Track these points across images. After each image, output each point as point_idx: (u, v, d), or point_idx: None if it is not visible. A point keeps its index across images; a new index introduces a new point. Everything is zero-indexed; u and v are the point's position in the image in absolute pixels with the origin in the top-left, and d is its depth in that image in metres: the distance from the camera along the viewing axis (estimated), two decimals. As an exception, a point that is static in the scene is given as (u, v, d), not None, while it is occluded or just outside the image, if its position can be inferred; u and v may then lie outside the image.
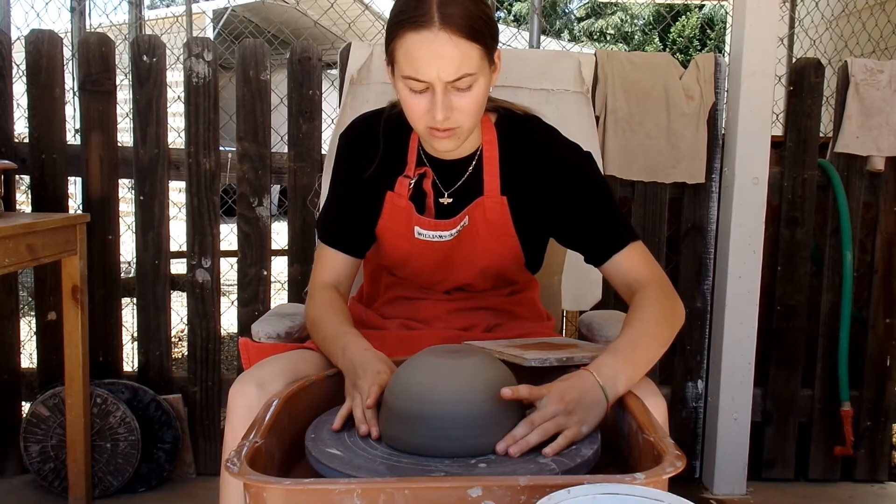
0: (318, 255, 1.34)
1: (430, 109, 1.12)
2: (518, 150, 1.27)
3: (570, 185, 1.24)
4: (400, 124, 1.26)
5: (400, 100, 1.17)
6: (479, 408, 0.93)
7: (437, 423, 0.92)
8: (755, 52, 2.19)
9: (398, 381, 0.98)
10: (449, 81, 1.10)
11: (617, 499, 0.69)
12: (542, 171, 1.25)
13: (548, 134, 1.29)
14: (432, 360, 0.97)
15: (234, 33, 6.03)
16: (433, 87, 1.11)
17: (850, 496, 2.31)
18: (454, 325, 1.34)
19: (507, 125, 1.29)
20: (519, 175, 1.26)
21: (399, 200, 1.28)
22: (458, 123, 1.14)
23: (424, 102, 1.13)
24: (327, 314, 1.24)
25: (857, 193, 2.33)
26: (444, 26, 1.08)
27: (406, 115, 1.18)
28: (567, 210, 1.25)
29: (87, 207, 2.24)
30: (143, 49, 2.21)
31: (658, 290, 1.18)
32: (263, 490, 0.74)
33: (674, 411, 2.34)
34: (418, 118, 1.15)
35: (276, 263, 2.54)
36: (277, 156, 2.28)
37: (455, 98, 1.12)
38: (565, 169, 1.24)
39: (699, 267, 2.33)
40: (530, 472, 0.85)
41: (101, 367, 2.27)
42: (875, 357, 2.39)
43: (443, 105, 1.11)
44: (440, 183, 1.29)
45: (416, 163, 1.29)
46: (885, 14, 3.86)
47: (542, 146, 1.27)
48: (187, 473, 2.29)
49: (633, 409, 0.98)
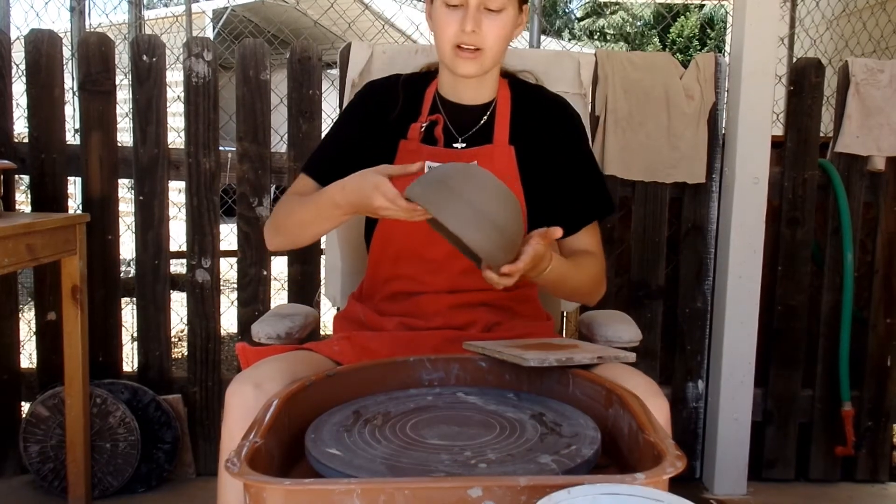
0: (294, 185, 1.38)
1: (461, 23, 1.24)
2: (528, 107, 1.38)
3: (571, 147, 1.37)
4: (417, 81, 1.40)
5: (433, 22, 1.29)
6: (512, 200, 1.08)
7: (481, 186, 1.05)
8: (755, 52, 2.19)
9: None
10: (486, 6, 1.24)
11: (617, 499, 0.69)
12: (549, 129, 1.37)
13: (555, 100, 1.42)
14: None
15: (234, 33, 6.02)
16: (468, 3, 1.23)
17: (851, 496, 2.31)
18: (454, 322, 1.34)
19: (519, 87, 1.41)
20: (527, 129, 1.36)
21: (411, 145, 1.35)
22: (483, 45, 1.26)
23: (457, 17, 1.25)
24: (302, 199, 1.29)
25: (858, 193, 2.33)
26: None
27: (436, 36, 1.29)
28: (566, 166, 1.37)
29: (87, 207, 2.24)
30: (142, 49, 2.21)
31: (601, 265, 1.37)
32: (263, 490, 0.74)
33: (674, 411, 2.33)
34: (449, 37, 1.26)
35: (276, 263, 2.53)
36: (277, 156, 2.28)
37: (485, 19, 1.25)
38: (569, 131, 1.38)
39: (699, 267, 2.33)
40: (530, 472, 0.85)
41: (101, 367, 2.27)
42: (876, 357, 2.39)
43: (473, 18, 1.24)
44: (454, 129, 1.36)
45: (429, 111, 1.37)
46: (886, 14, 3.86)
47: (549, 109, 1.39)
48: (187, 474, 2.29)
49: (633, 409, 0.97)
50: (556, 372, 1.12)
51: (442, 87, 1.38)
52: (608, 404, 1.05)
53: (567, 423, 1.01)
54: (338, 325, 1.45)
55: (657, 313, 2.34)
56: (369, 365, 1.16)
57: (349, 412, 1.04)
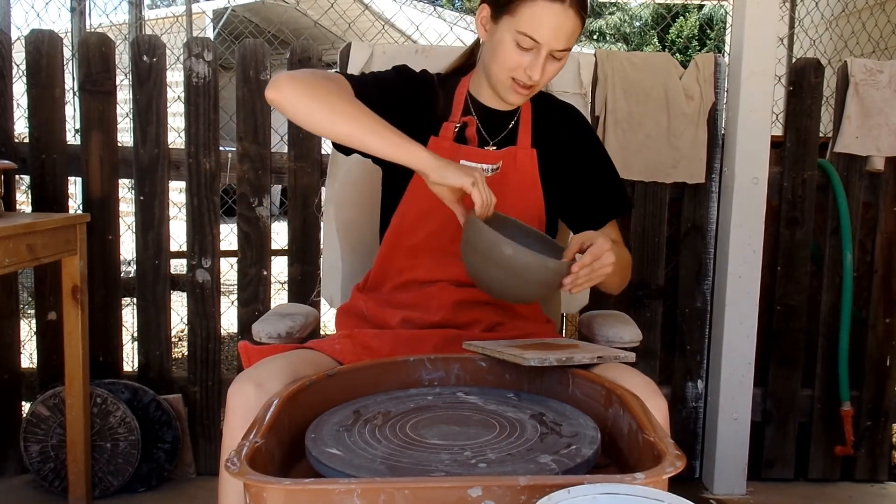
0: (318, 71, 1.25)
1: (529, 67, 1.26)
2: (545, 114, 1.43)
3: (587, 149, 1.43)
4: (447, 80, 1.41)
5: (496, 46, 1.28)
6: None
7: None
8: (755, 52, 2.19)
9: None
10: (557, 49, 1.25)
11: (617, 499, 0.69)
12: (565, 134, 1.42)
13: (567, 107, 1.48)
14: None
15: (234, 33, 6.01)
16: (540, 49, 1.24)
17: (850, 496, 2.32)
18: (457, 319, 1.34)
19: (536, 95, 1.43)
20: (546, 134, 1.41)
21: (443, 143, 1.36)
22: (540, 85, 1.30)
23: (526, 59, 1.26)
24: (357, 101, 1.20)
25: (857, 193, 2.33)
26: (573, 4, 1.23)
27: (496, 62, 1.29)
28: (584, 168, 1.42)
29: (87, 207, 2.24)
30: (143, 49, 2.21)
31: (627, 252, 1.40)
32: (263, 490, 0.74)
33: (674, 411, 2.34)
34: (511, 69, 1.28)
35: (276, 263, 2.54)
36: (277, 156, 2.28)
37: (548, 63, 1.27)
38: (584, 136, 1.44)
39: (699, 267, 2.33)
40: (530, 472, 0.85)
41: (101, 367, 2.27)
42: (875, 357, 2.39)
43: (543, 67, 1.26)
44: (484, 132, 1.40)
45: (462, 112, 1.39)
46: (885, 14, 3.86)
47: (564, 115, 1.45)
48: (187, 473, 2.29)
49: (632, 408, 0.98)
50: (556, 372, 1.13)
51: (476, 91, 1.41)
52: (608, 404, 1.05)
53: (567, 422, 1.01)
54: (340, 320, 1.45)
55: (657, 313, 2.34)
56: (369, 365, 1.16)
57: (349, 412, 1.04)
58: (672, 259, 2.36)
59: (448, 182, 1.15)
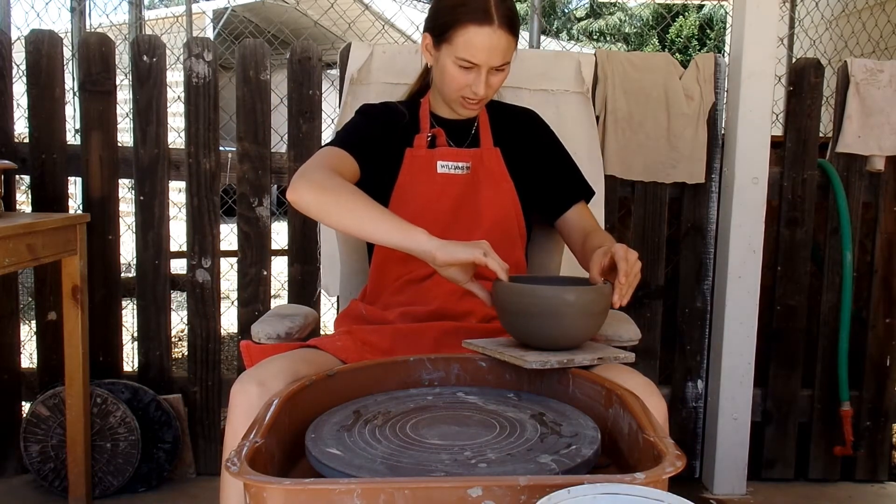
0: (325, 157, 1.39)
1: (472, 84, 1.38)
2: (501, 118, 1.55)
3: (543, 144, 1.55)
4: (409, 103, 1.54)
5: (442, 70, 1.40)
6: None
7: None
8: (755, 52, 2.19)
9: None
10: (495, 66, 1.37)
11: (617, 499, 0.69)
12: (522, 132, 1.54)
13: (524, 110, 1.60)
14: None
15: (234, 33, 6.02)
16: (480, 68, 1.36)
17: (850, 496, 2.32)
18: (453, 309, 1.37)
19: (491, 104, 1.56)
20: (505, 134, 1.52)
21: (418, 151, 1.47)
22: (488, 96, 1.42)
23: (469, 77, 1.38)
24: (346, 185, 1.30)
25: (857, 193, 2.33)
26: (501, 25, 1.33)
27: (444, 84, 1.42)
28: (543, 157, 1.53)
29: (87, 207, 2.24)
30: (143, 49, 2.21)
31: (609, 235, 1.44)
32: (263, 490, 0.74)
33: (674, 411, 2.34)
34: (458, 88, 1.40)
35: (276, 263, 2.54)
36: (277, 156, 2.28)
37: (491, 77, 1.38)
38: (539, 133, 1.56)
39: (699, 267, 2.33)
40: (530, 472, 0.85)
41: (101, 367, 2.27)
42: (875, 357, 2.39)
43: (485, 83, 1.38)
44: (451, 141, 1.51)
45: (429, 126, 1.51)
46: (885, 14, 3.86)
47: (519, 117, 1.57)
48: (187, 473, 2.29)
49: (633, 409, 0.98)
50: (556, 372, 1.13)
51: (435, 108, 1.53)
52: (608, 404, 1.05)
53: (567, 422, 1.01)
54: (339, 322, 1.46)
55: (657, 313, 2.34)
56: (369, 365, 1.16)
57: (349, 412, 1.04)
58: (672, 259, 2.36)
59: (458, 258, 1.16)
